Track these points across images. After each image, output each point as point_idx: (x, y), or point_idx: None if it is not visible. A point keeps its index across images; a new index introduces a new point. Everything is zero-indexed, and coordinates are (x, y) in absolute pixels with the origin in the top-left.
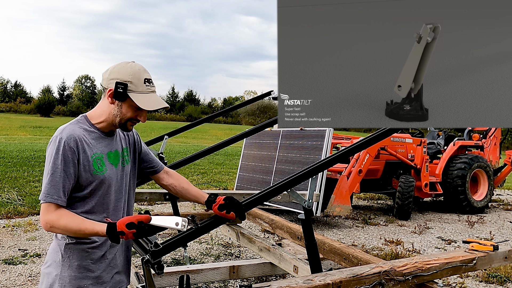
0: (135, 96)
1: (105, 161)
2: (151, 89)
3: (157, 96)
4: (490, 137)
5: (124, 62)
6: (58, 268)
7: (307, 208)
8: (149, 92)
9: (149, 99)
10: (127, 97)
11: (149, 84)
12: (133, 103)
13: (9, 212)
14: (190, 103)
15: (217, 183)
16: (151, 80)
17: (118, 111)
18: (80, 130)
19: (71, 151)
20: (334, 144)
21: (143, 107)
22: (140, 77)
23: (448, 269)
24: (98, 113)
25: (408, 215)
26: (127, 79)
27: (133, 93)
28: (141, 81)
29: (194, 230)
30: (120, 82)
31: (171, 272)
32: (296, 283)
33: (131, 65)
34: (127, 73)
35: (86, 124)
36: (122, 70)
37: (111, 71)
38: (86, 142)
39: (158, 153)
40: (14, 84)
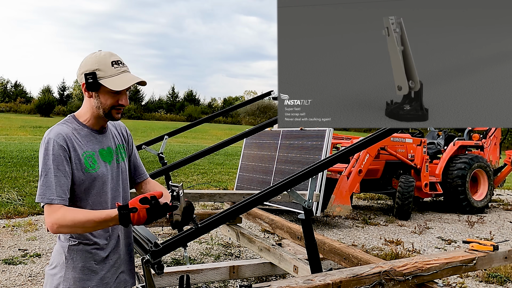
0: (106, 81)
1: (96, 159)
2: (122, 70)
3: (130, 74)
4: (490, 137)
5: (90, 53)
6: (62, 270)
7: (307, 208)
8: (120, 73)
9: (121, 79)
10: (100, 86)
11: (118, 66)
12: (107, 88)
13: (9, 212)
14: (190, 103)
15: (217, 183)
16: (119, 61)
17: (97, 102)
18: (68, 129)
19: (62, 149)
20: (334, 144)
21: (115, 88)
22: (107, 62)
23: (448, 269)
24: (84, 110)
25: (408, 215)
26: (93, 68)
27: (104, 79)
28: (108, 66)
29: (194, 230)
30: (87, 73)
31: (171, 272)
32: (296, 283)
33: (96, 54)
34: (93, 62)
35: (75, 123)
36: (88, 61)
37: (80, 65)
38: (76, 140)
39: (158, 153)
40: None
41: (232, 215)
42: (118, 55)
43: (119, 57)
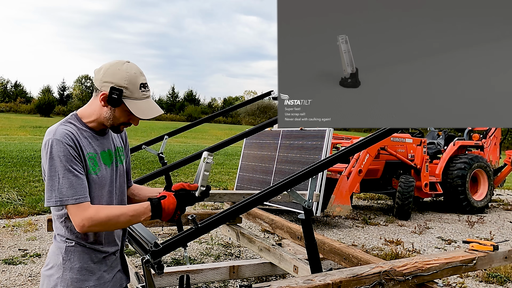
0: (130, 103)
1: (98, 161)
2: (147, 95)
3: (152, 101)
4: (490, 137)
5: (119, 62)
6: (59, 271)
7: (307, 208)
8: (144, 98)
9: (144, 106)
10: (121, 103)
11: (144, 89)
12: (128, 109)
13: (9, 212)
14: (190, 103)
15: (217, 183)
16: (146, 85)
17: (110, 114)
18: (72, 128)
19: (72, 149)
20: (334, 144)
21: (138, 116)
22: (136, 83)
23: (448, 269)
24: (89, 112)
25: (408, 215)
26: (122, 85)
27: (128, 99)
28: (137, 87)
29: (194, 230)
30: (115, 87)
31: (171, 272)
32: (296, 283)
33: (127, 67)
34: (123, 78)
35: (77, 123)
36: (118, 73)
37: (105, 72)
38: (81, 140)
39: (158, 153)
40: (14, 84)
41: (232, 215)
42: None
43: (145, 77)
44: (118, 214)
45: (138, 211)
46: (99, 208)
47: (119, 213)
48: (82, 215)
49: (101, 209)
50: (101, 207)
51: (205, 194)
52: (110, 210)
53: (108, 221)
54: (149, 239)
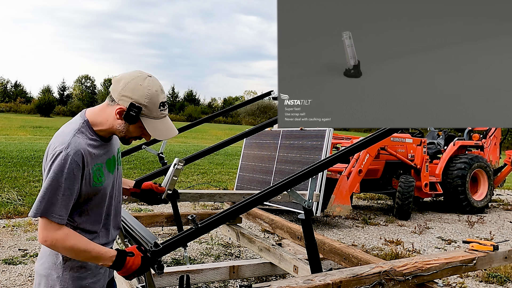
0: (148, 121)
1: (104, 171)
2: (165, 113)
3: (168, 120)
4: (490, 137)
5: (141, 76)
6: (59, 270)
7: (307, 208)
8: (162, 117)
9: (161, 126)
10: (138, 120)
11: (163, 108)
12: (143, 126)
13: (9, 212)
14: (190, 103)
15: (217, 183)
16: (165, 103)
17: (124, 128)
18: (84, 141)
19: (77, 168)
20: (334, 144)
21: (155, 136)
22: (157, 101)
23: (448, 269)
24: (101, 120)
25: (408, 215)
26: (142, 102)
27: (146, 118)
28: (156, 106)
29: (194, 230)
30: (134, 104)
31: (171, 272)
32: (296, 283)
33: (149, 83)
34: (144, 95)
35: (89, 132)
36: (139, 89)
37: (126, 86)
38: (90, 154)
39: (158, 153)
40: (14, 84)
41: (232, 215)
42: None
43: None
44: (82, 250)
45: (101, 256)
46: (69, 236)
47: (84, 249)
48: (49, 233)
49: (70, 238)
50: (72, 235)
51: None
52: (77, 242)
53: (70, 250)
54: (149, 239)
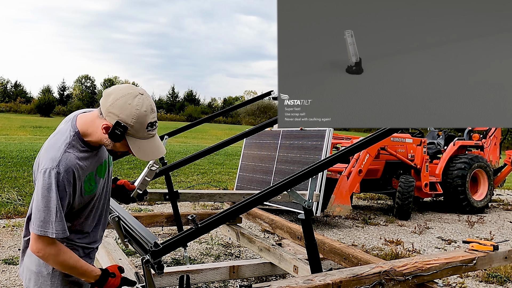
0: (133, 141)
1: (95, 178)
2: (152, 134)
3: (156, 140)
4: (490, 137)
5: (132, 93)
6: (49, 268)
7: (307, 208)
8: (149, 137)
9: (147, 146)
10: (123, 139)
11: (151, 129)
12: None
13: (9, 212)
14: (190, 103)
15: (217, 183)
16: (154, 123)
17: (110, 143)
18: (74, 156)
19: (69, 184)
20: (334, 144)
21: (138, 156)
22: (144, 122)
23: (448, 269)
24: (91, 131)
25: (408, 215)
26: (128, 122)
27: (132, 138)
28: (143, 126)
29: (194, 230)
30: (120, 123)
31: (171, 272)
32: (296, 283)
33: (138, 103)
34: (131, 115)
35: (79, 144)
36: (127, 108)
37: (115, 102)
38: (81, 167)
39: None
40: (14, 84)
41: (232, 215)
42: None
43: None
44: (72, 266)
45: (87, 274)
46: (61, 251)
47: (73, 265)
48: (44, 247)
49: (62, 254)
50: (64, 251)
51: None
52: (67, 259)
53: (59, 265)
54: (149, 239)
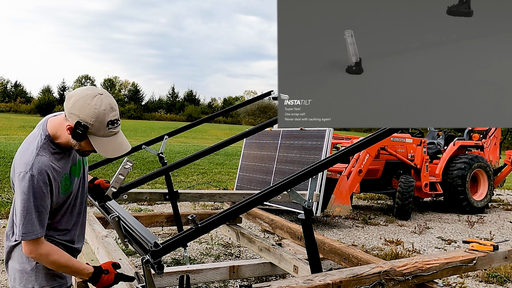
0: (95, 139)
1: (69, 178)
2: (114, 131)
3: (119, 137)
4: (490, 137)
5: (91, 94)
6: (32, 263)
7: (307, 208)
8: (111, 135)
9: (109, 143)
10: (86, 138)
11: (112, 126)
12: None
13: (9, 212)
14: (190, 103)
15: (217, 183)
16: (115, 121)
17: (76, 143)
18: (47, 159)
19: (45, 185)
20: (334, 144)
21: (101, 154)
22: (104, 120)
23: (448, 269)
24: (60, 134)
25: (408, 215)
26: (88, 121)
27: (94, 137)
28: (103, 124)
29: (194, 230)
30: (80, 123)
31: (171, 272)
32: (296, 283)
33: (97, 102)
34: (90, 114)
35: (51, 146)
36: (86, 108)
37: (75, 104)
38: (55, 169)
39: (158, 153)
40: (14, 84)
41: (232, 215)
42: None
43: (117, 111)
44: (64, 265)
45: (80, 271)
46: (52, 251)
47: (65, 264)
48: (33, 248)
49: (53, 253)
50: (54, 251)
51: (115, 196)
52: (58, 258)
53: (52, 264)
54: (149, 239)
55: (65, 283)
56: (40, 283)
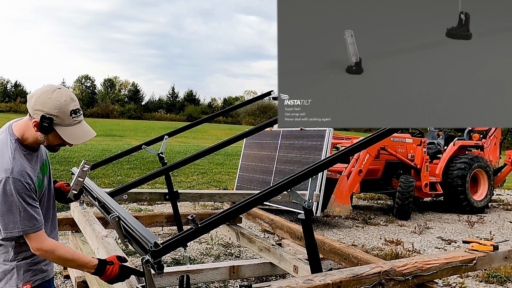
0: (61, 129)
1: (41, 176)
2: (78, 120)
3: (84, 125)
4: (490, 137)
5: (50, 89)
6: (13, 262)
7: (307, 208)
8: (75, 124)
9: (75, 131)
10: (53, 130)
11: (75, 115)
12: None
13: None
14: (190, 103)
15: (217, 183)
16: (78, 110)
17: (44, 138)
18: (23, 160)
19: (28, 184)
20: (334, 144)
21: (69, 141)
22: (66, 110)
23: (448, 269)
24: (27, 135)
25: (408, 215)
26: (52, 113)
27: (60, 127)
28: (67, 114)
29: (194, 230)
30: (45, 116)
31: (171, 272)
32: (296, 283)
33: (57, 95)
34: (53, 107)
35: (22, 149)
36: (48, 102)
37: (36, 100)
38: (30, 169)
39: (158, 153)
40: (14, 84)
41: (232, 215)
42: (76, 99)
43: (77, 101)
44: (70, 259)
45: (85, 264)
46: (57, 247)
47: (71, 258)
48: (40, 245)
49: (58, 249)
50: (60, 247)
51: (76, 197)
52: (64, 253)
53: (58, 260)
54: (149, 239)
55: (48, 275)
56: (23, 280)
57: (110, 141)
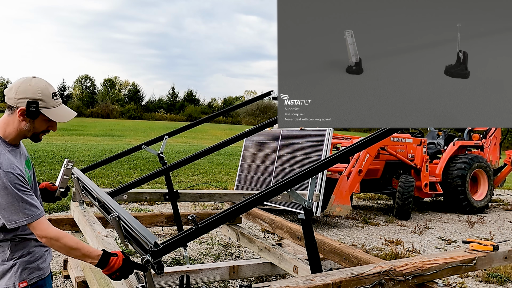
0: (48, 111)
1: (27, 170)
2: (59, 101)
3: (65, 107)
4: (490, 137)
5: (26, 79)
6: (10, 262)
7: (307, 208)
8: (58, 105)
9: (60, 111)
10: (39, 114)
11: (56, 97)
12: (47, 118)
13: None
14: (190, 103)
15: (217, 183)
16: (56, 93)
17: (30, 126)
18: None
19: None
20: (334, 144)
21: (58, 120)
22: (48, 93)
23: (448, 269)
24: (8, 131)
25: (408, 215)
26: (36, 97)
27: (46, 109)
28: (49, 97)
29: (194, 230)
30: (31, 101)
31: (171, 272)
32: (296, 283)
33: (36, 81)
34: (35, 91)
35: (6, 145)
36: (29, 89)
37: (17, 90)
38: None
39: (158, 153)
40: None
41: (232, 215)
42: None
43: (52, 87)
44: (74, 248)
45: (89, 254)
46: (62, 235)
47: (75, 247)
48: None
49: (64, 237)
50: (65, 235)
51: (64, 195)
52: (69, 241)
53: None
54: (149, 239)
55: (43, 274)
56: (20, 278)
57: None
